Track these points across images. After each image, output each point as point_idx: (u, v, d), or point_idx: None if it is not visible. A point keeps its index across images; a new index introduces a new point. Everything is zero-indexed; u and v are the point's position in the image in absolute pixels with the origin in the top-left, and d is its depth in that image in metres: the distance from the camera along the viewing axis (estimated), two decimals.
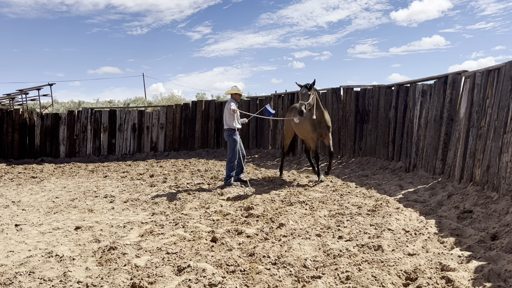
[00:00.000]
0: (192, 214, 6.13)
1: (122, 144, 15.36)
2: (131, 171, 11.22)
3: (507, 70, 6.07)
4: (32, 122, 14.96)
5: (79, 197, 7.93)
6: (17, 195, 8.27)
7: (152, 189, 8.51)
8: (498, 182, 5.82)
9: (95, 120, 15.21)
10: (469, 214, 5.39)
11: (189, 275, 3.63)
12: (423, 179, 7.92)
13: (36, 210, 6.86)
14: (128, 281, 3.62)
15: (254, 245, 4.47)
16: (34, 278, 3.73)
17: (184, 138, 15.51)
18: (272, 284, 3.45)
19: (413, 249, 4.17)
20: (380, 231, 4.84)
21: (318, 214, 5.84)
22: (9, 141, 14.62)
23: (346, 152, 11.53)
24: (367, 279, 3.42)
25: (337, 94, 11.70)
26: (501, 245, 4.05)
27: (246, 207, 6.40)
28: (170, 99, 24.33)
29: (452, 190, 6.68)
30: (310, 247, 4.35)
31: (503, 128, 5.96)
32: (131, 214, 6.50)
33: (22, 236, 5.31)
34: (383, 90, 10.31)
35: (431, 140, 8.25)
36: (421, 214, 5.72)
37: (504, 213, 5.08)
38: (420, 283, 3.30)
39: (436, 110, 8.20)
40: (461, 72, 7.79)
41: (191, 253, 4.31)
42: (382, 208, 5.93)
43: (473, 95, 7.06)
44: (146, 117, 15.55)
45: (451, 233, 4.66)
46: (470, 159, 6.80)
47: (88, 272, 3.91)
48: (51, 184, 9.53)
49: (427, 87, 8.72)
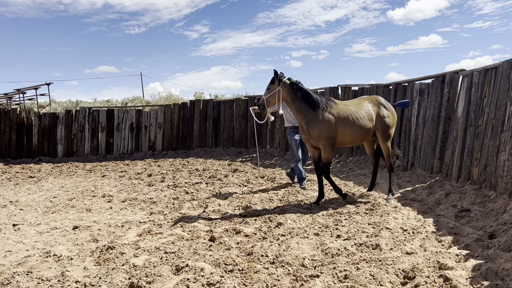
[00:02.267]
0: (190, 214, 6.12)
1: (120, 143, 15.34)
2: (129, 171, 11.21)
3: (505, 69, 6.08)
4: (29, 122, 14.92)
5: (77, 196, 7.91)
6: (15, 195, 8.25)
7: (150, 189, 8.50)
8: (496, 180, 5.83)
9: (93, 120, 15.18)
10: (466, 212, 5.40)
11: (187, 275, 3.63)
12: (421, 178, 7.93)
13: (34, 210, 6.84)
14: (126, 280, 3.62)
15: (252, 244, 4.47)
16: (32, 278, 3.72)
17: (182, 137, 15.50)
18: (270, 283, 3.45)
19: (411, 248, 4.17)
20: (378, 230, 4.84)
21: (316, 213, 5.85)
22: (6, 141, 14.58)
23: (344, 151, 11.54)
24: (365, 278, 3.42)
25: (335, 93, 11.71)
26: (499, 243, 4.06)
27: (244, 206, 6.41)
28: (168, 99, 24.31)
29: (449, 189, 6.70)
30: (308, 246, 4.36)
31: (500, 127, 5.98)
32: (129, 214, 6.50)
33: (20, 236, 5.30)
34: (381, 89, 10.32)
35: (429, 139, 8.26)
36: (419, 213, 5.73)
37: (502, 211, 5.09)
38: (418, 281, 3.31)
39: (433, 109, 8.21)
40: (458, 71, 7.80)
41: (189, 253, 4.30)
42: (380, 207, 5.94)
43: (470, 94, 7.08)
44: (144, 116, 15.54)
45: (449, 232, 4.67)
46: (468, 158, 6.81)
47: (86, 271, 3.90)
48: (49, 184, 9.51)
49: (425, 86, 8.74)
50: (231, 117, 14.85)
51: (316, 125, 6.07)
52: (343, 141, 6.35)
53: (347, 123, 6.16)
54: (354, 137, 6.37)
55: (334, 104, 6.26)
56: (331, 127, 6.09)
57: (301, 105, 6.12)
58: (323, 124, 6.06)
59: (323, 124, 6.06)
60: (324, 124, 6.06)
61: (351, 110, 6.25)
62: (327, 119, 6.08)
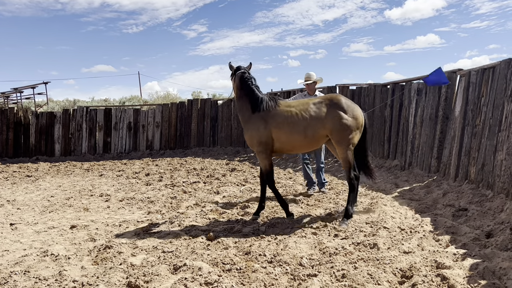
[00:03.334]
0: (188, 213, 6.12)
1: (117, 142, 15.31)
2: (127, 170, 11.19)
3: (502, 68, 6.10)
4: (27, 121, 14.87)
5: (75, 196, 7.89)
6: (12, 194, 8.22)
7: (148, 188, 8.49)
8: (493, 180, 5.85)
9: (91, 119, 15.14)
10: (464, 212, 5.41)
11: (185, 274, 3.63)
12: (419, 177, 7.95)
13: (31, 209, 6.82)
14: (124, 280, 3.61)
15: (250, 244, 4.47)
16: (29, 277, 3.71)
17: (180, 136, 15.48)
18: (268, 282, 3.45)
19: (408, 247, 4.18)
20: (375, 229, 4.85)
21: (314, 212, 5.85)
22: (3, 140, 14.53)
23: None
24: (362, 277, 3.43)
25: (333, 92, 11.72)
26: (496, 242, 4.08)
27: (242, 205, 6.41)
28: (165, 98, 24.29)
29: (447, 188, 6.71)
30: (306, 245, 4.36)
31: (497, 127, 5.99)
32: (126, 213, 6.49)
33: (17, 235, 5.29)
34: (379, 88, 10.34)
35: (427, 139, 8.28)
36: (417, 212, 5.74)
37: (499, 211, 5.11)
38: (415, 280, 3.32)
39: (431, 108, 8.22)
40: (456, 71, 7.82)
41: (187, 252, 4.30)
42: (377, 206, 5.95)
43: (468, 94, 7.09)
44: (142, 115, 15.51)
45: (446, 231, 4.68)
46: (465, 157, 6.83)
47: (84, 271, 3.89)
48: (46, 183, 9.48)
49: (423, 85, 8.75)
50: (229, 116, 14.84)
51: (248, 129, 5.41)
52: (283, 148, 5.43)
53: (284, 127, 5.26)
54: (294, 143, 5.35)
55: (275, 105, 5.39)
56: (261, 132, 5.29)
57: (244, 103, 5.48)
58: (254, 128, 5.33)
59: (254, 127, 5.33)
60: (255, 127, 5.32)
61: (291, 112, 5.29)
62: (258, 123, 5.30)
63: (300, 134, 5.25)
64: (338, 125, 5.20)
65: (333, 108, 5.27)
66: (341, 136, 5.23)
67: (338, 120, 5.20)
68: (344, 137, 5.22)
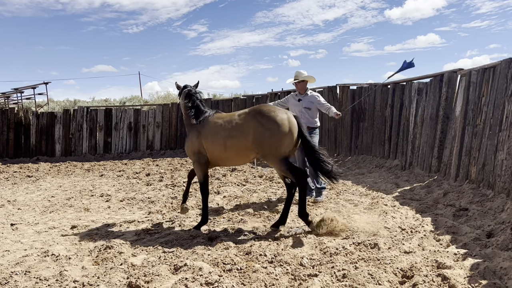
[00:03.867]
0: (188, 213, 6.12)
1: (118, 143, 15.31)
2: (127, 170, 11.19)
3: (502, 68, 6.09)
4: (27, 121, 14.87)
5: (75, 196, 7.90)
6: (13, 194, 8.23)
7: (148, 188, 8.49)
8: (494, 180, 5.84)
9: (91, 119, 15.15)
10: (464, 212, 5.41)
11: (186, 274, 3.62)
12: (419, 177, 7.94)
13: (32, 209, 6.83)
14: (125, 280, 3.61)
15: (251, 244, 4.46)
16: (30, 278, 3.72)
17: (180, 136, 15.48)
18: (268, 282, 3.45)
19: (409, 247, 4.18)
20: (376, 229, 4.85)
21: (315, 212, 5.85)
22: (4, 140, 14.53)
23: (342, 150, 11.55)
24: (363, 277, 3.42)
25: (334, 92, 11.72)
26: (497, 242, 4.07)
27: (242, 205, 6.41)
28: (166, 98, 24.29)
29: (448, 188, 6.71)
30: (306, 245, 4.36)
31: (498, 126, 5.99)
32: (127, 213, 6.49)
33: (17, 236, 5.29)
34: (379, 88, 10.34)
35: (427, 138, 8.28)
36: (417, 212, 5.73)
37: (500, 210, 5.10)
38: (416, 280, 3.31)
39: (432, 108, 8.22)
40: (456, 70, 7.82)
41: (187, 252, 4.30)
42: (378, 206, 5.95)
43: (468, 93, 7.09)
44: (142, 115, 15.51)
45: (447, 231, 4.68)
46: (466, 157, 6.82)
47: (84, 271, 3.89)
48: (47, 183, 9.49)
49: (423, 85, 8.75)
50: None
51: (187, 140, 5.52)
52: (217, 160, 5.38)
53: (211, 140, 5.22)
54: (220, 155, 5.23)
55: (211, 118, 5.38)
56: (194, 142, 5.35)
57: (188, 117, 5.57)
58: (190, 139, 5.45)
59: (190, 138, 5.45)
60: (190, 138, 5.44)
61: (218, 124, 5.23)
62: (193, 134, 5.40)
63: (220, 145, 5.13)
64: (258, 135, 4.90)
65: (254, 119, 4.98)
66: (265, 147, 4.91)
67: (258, 130, 4.90)
68: (268, 147, 4.90)
